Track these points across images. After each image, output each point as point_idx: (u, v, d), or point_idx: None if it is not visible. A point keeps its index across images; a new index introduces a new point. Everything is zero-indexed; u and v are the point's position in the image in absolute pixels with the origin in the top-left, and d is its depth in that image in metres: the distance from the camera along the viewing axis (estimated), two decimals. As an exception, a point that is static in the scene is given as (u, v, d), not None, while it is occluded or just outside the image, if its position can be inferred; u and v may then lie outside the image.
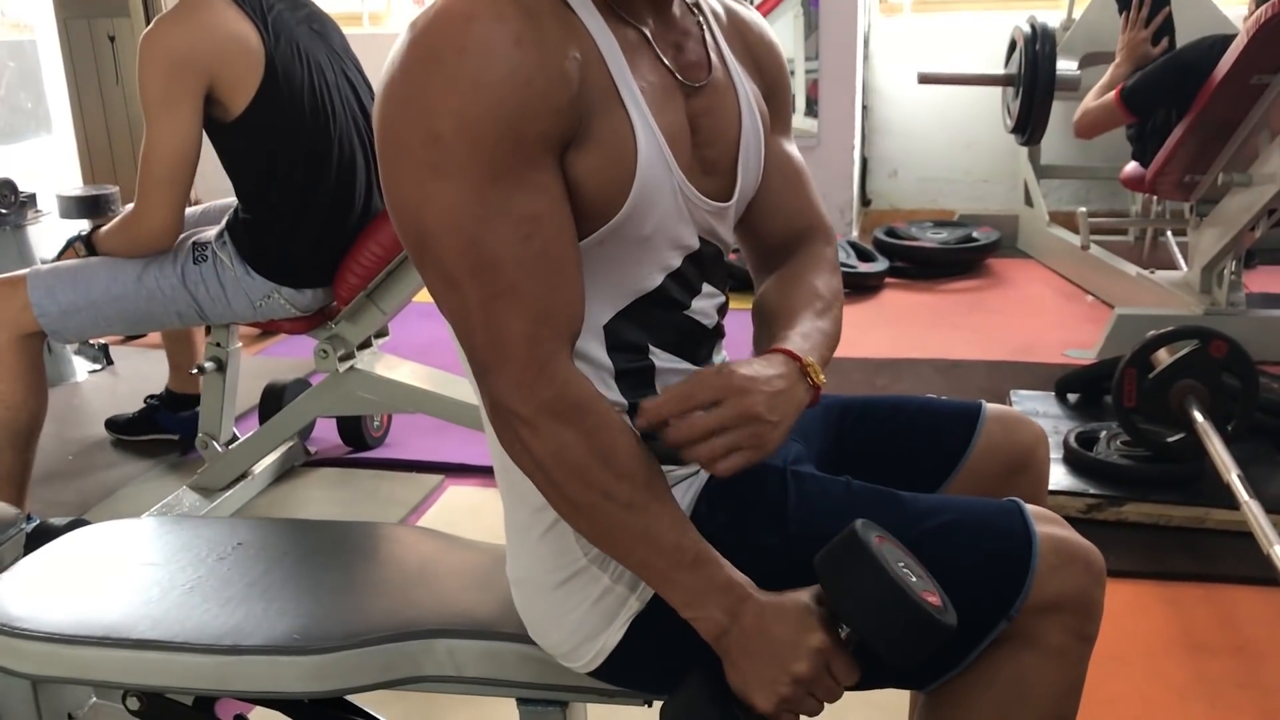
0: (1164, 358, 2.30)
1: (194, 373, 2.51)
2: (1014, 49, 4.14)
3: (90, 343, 3.37)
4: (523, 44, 0.90)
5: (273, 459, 2.60)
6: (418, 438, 2.82)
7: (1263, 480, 2.09)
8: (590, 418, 0.94)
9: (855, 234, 4.64)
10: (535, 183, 0.92)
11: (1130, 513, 2.24)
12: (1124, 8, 3.45)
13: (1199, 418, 2.19)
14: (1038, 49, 3.93)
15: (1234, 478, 1.96)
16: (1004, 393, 2.86)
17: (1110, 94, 3.24)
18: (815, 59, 4.43)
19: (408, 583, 1.26)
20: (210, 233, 2.23)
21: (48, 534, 1.60)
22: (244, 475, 2.51)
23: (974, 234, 4.40)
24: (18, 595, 1.23)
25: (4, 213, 3.13)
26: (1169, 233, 4.13)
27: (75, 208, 3.29)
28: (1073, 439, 2.43)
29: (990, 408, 1.24)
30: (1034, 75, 3.95)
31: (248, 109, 2.08)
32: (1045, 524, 1.00)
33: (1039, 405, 2.75)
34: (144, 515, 2.29)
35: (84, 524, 1.55)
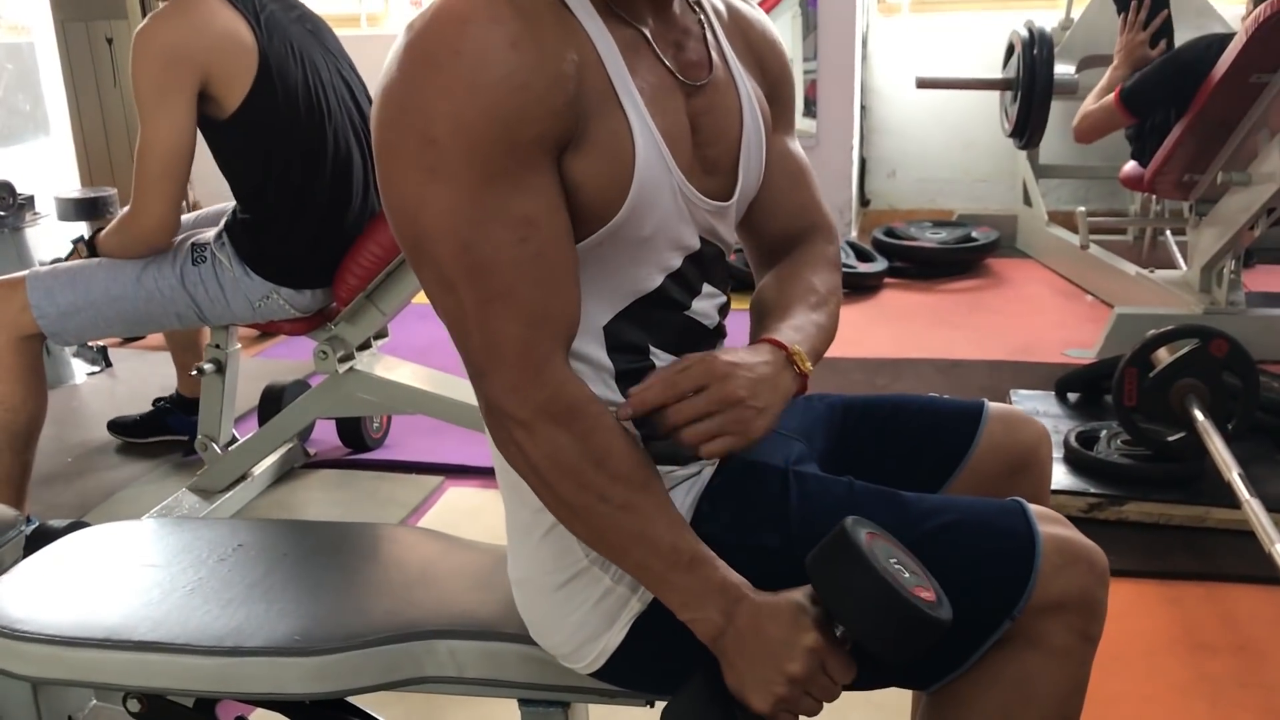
0: (1164, 357, 2.30)
1: (193, 374, 2.51)
2: (1011, 53, 4.14)
3: (89, 345, 3.37)
4: (519, 46, 0.90)
5: (272, 460, 2.60)
6: (417, 439, 2.82)
7: (1263, 479, 2.09)
8: (585, 420, 0.94)
9: (854, 234, 4.64)
10: (531, 185, 0.92)
11: (1131, 512, 2.24)
12: (1122, 9, 3.44)
13: (1199, 416, 2.19)
14: (1035, 53, 3.94)
15: (1235, 476, 1.96)
16: (1004, 392, 2.86)
17: (1109, 96, 3.23)
18: (813, 59, 4.43)
19: (409, 584, 1.26)
20: (209, 234, 2.23)
21: (47, 536, 1.60)
22: (243, 477, 2.51)
23: (973, 234, 4.41)
24: (18, 597, 1.23)
25: (2, 215, 3.13)
26: (1168, 232, 4.13)
27: (73, 210, 3.29)
28: (1073, 438, 2.42)
29: (992, 406, 1.23)
30: (1032, 80, 3.96)
31: (242, 106, 2.08)
32: (1048, 524, 1.00)
33: (1039, 405, 2.75)
34: (144, 517, 2.29)
35: (84, 526, 1.55)
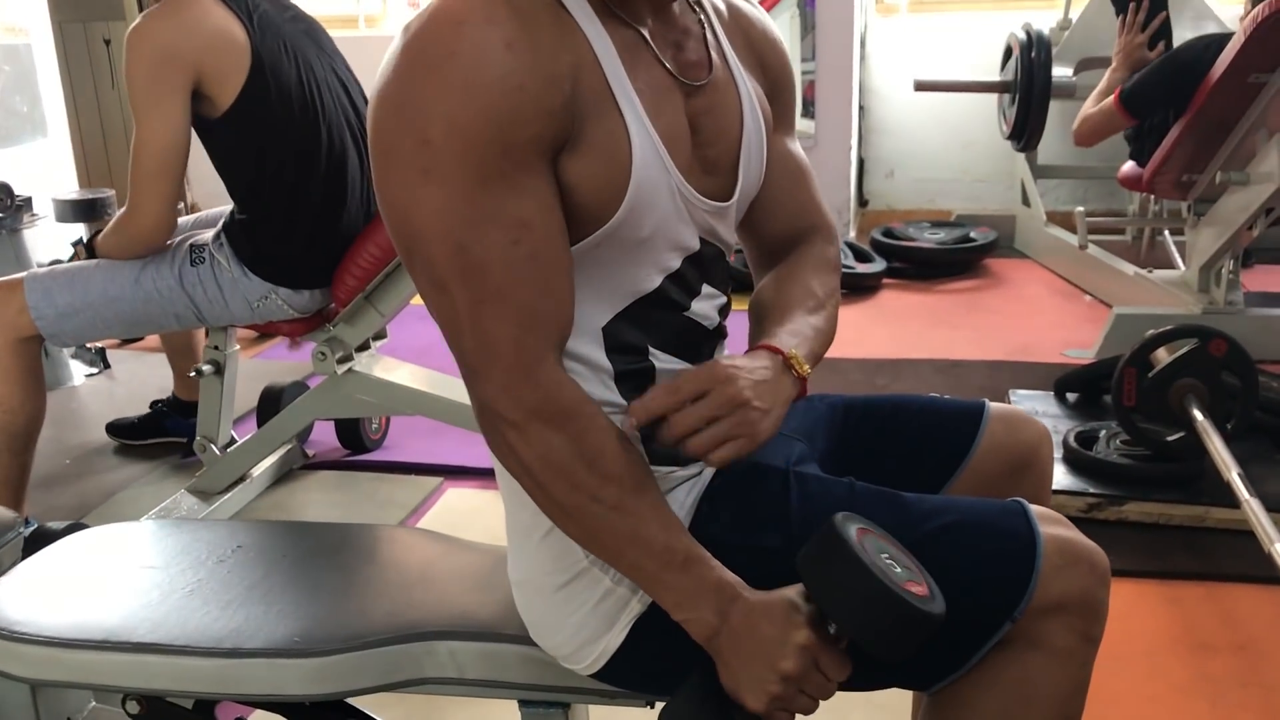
0: (1163, 357, 2.30)
1: (191, 375, 2.51)
2: (1009, 55, 4.14)
3: (87, 347, 3.36)
4: (514, 48, 0.90)
5: (271, 462, 2.60)
6: (416, 440, 2.81)
7: (1263, 478, 2.09)
8: (577, 421, 0.94)
9: (853, 235, 4.64)
10: (525, 187, 0.92)
11: (1130, 512, 2.24)
12: (1121, 11, 3.44)
13: (1199, 416, 2.18)
14: (1033, 56, 3.95)
15: (1234, 476, 1.96)
16: (1003, 392, 2.86)
17: (1109, 99, 3.22)
18: (812, 60, 4.42)
19: (409, 585, 1.26)
20: (207, 235, 2.23)
21: (46, 538, 1.59)
22: (242, 478, 2.50)
23: (971, 234, 4.41)
24: (16, 599, 1.23)
25: (0, 216, 3.12)
26: (1166, 232, 4.13)
27: (71, 211, 3.28)
28: (1072, 438, 2.42)
29: (993, 407, 1.23)
30: (1030, 82, 3.96)
31: (235, 104, 2.08)
32: (1049, 524, 1.00)
33: (1038, 405, 2.75)
34: (143, 519, 2.28)
35: (82, 528, 1.54)
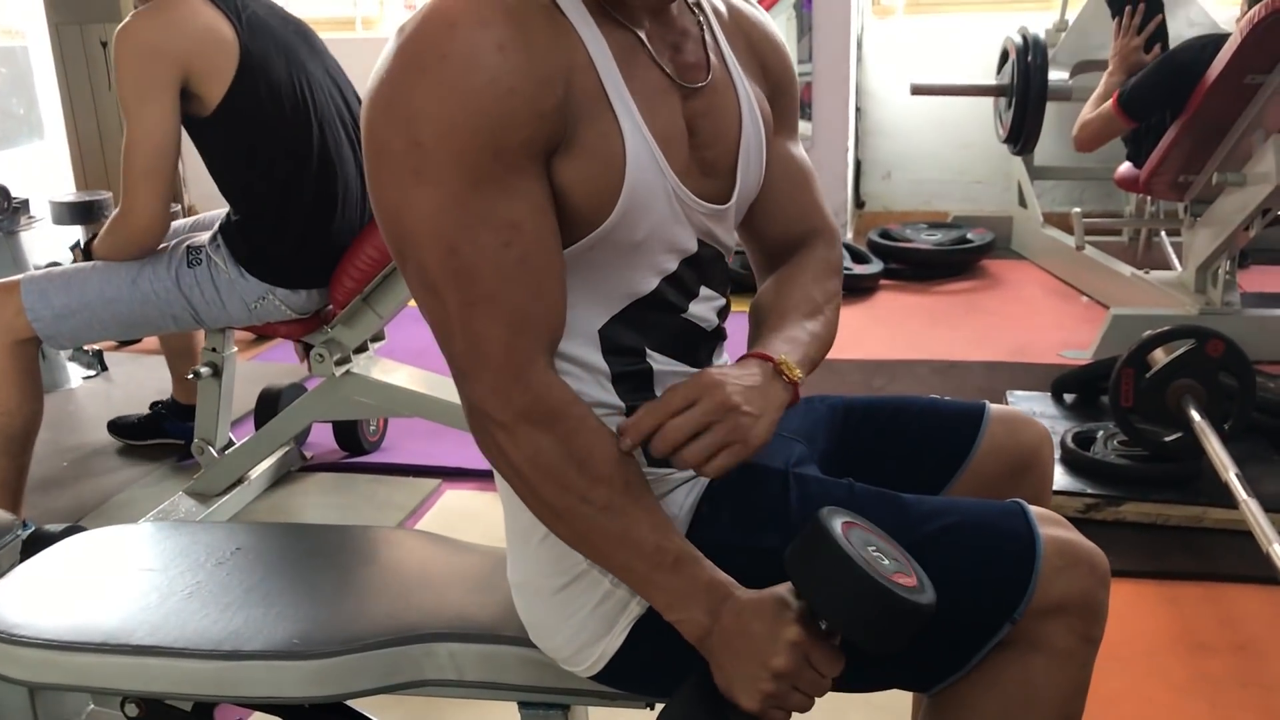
0: (1161, 357, 2.30)
1: (189, 378, 2.50)
2: (1006, 59, 4.15)
3: (85, 349, 3.36)
4: (506, 50, 0.89)
5: (268, 464, 2.60)
6: (414, 442, 2.81)
7: (1260, 479, 2.09)
8: (566, 422, 0.94)
9: (849, 236, 4.65)
10: (517, 190, 0.91)
11: (1128, 512, 2.24)
12: (1116, 13, 3.44)
13: (1196, 417, 2.19)
14: (1029, 60, 3.95)
15: (1232, 476, 1.96)
16: (1000, 393, 2.86)
17: (1108, 103, 3.21)
18: (808, 61, 4.43)
19: (408, 587, 1.25)
20: (203, 237, 2.23)
21: (43, 540, 1.59)
22: (240, 480, 2.50)
23: (968, 235, 4.41)
24: (14, 602, 1.22)
25: (-3, 218, 3.12)
26: (1163, 233, 4.13)
27: (68, 214, 3.27)
28: (1070, 439, 2.43)
29: (994, 408, 1.23)
30: (1026, 87, 3.96)
31: (223, 101, 2.09)
32: (1049, 526, 1.00)
33: (1035, 406, 2.76)
34: (141, 521, 2.28)
35: (80, 530, 1.54)
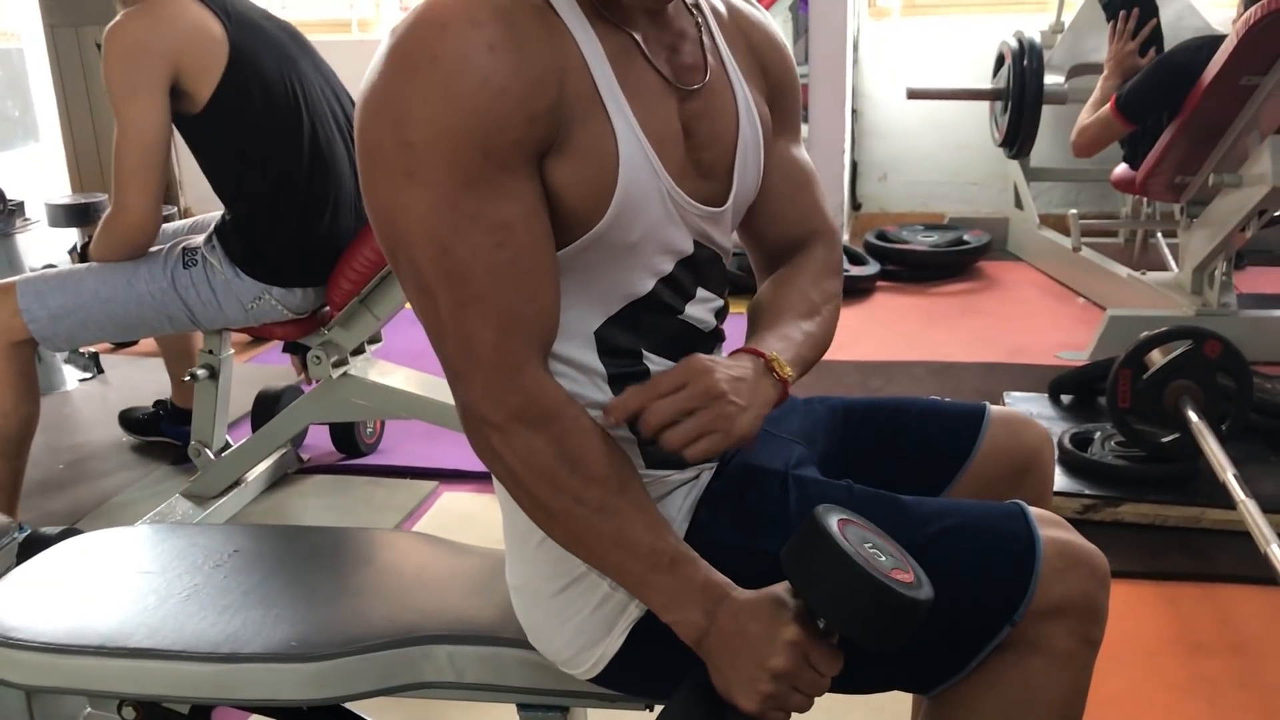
0: (1158, 358, 2.30)
1: (186, 380, 2.50)
2: (1002, 63, 4.15)
3: (81, 351, 3.35)
4: (497, 50, 0.89)
5: (265, 466, 2.59)
6: (411, 444, 2.81)
7: (1258, 479, 2.09)
8: (560, 423, 0.94)
9: (846, 238, 4.65)
10: (509, 190, 0.91)
11: (1126, 513, 2.24)
12: (1111, 18, 3.44)
13: (1194, 417, 2.19)
14: (1025, 64, 3.96)
15: (1229, 477, 1.96)
16: (997, 394, 2.86)
17: (1105, 107, 3.21)
18: (804, 63, 4.41)
19: (406, 588, 1.25)
20: (199, 238, 2.23)
21: (40, 543, 1.59)
22: (237, 483, 2.50)
23: (965, 237, 4.41)
24: (11, 605, 1.22)
25: (-7, 221, 3.12)
26: (1159, 234, 4.13)
27: (64, 216, 3.28)
28: (1067, 440, 2.43)
29: (994, 410, 1.23)
30: (1022, 91, 3.97)
31: (213, 98, 2.09)
32: (1049, 527, 1.00)
33: (1033, 407, 2.76)
34: (138, 523, 2.27)
35: (76, 533, 1.54)
